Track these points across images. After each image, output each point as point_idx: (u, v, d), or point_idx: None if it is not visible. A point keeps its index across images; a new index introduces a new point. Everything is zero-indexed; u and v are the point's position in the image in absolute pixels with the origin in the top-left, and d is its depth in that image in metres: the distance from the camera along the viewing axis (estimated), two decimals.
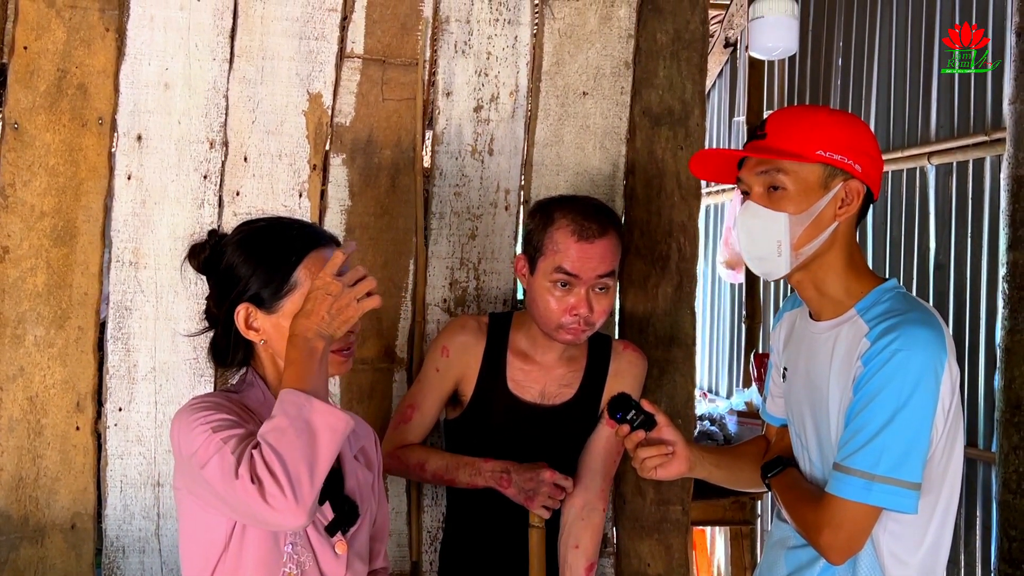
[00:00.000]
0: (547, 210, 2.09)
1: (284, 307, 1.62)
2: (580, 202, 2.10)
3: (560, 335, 2.07)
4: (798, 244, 1.73)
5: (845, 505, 1.66)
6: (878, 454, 1.64)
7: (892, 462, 1.63)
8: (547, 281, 2.04)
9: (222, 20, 2.22)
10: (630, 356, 2.24)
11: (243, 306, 1.62)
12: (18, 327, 2.13)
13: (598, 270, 2.03)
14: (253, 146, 2.25)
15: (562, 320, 2.05)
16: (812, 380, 1.80)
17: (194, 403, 1.57)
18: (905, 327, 1.66)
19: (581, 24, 2.39)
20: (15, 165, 2.13)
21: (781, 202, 1.72)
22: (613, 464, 2.22)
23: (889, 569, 1.72)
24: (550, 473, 2.02)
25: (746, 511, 4.06)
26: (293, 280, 1.61)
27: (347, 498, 1.68)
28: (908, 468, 1.64)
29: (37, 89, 2.13)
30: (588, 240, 2.02)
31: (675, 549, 2.43)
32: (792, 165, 1.72)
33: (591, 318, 2.05)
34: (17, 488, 2.12)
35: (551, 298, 2.04)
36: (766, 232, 1.74)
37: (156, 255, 2.20)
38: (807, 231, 1.73)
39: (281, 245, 1.65)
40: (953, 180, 3.59)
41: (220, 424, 1.50)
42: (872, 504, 1.65)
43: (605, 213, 2.08)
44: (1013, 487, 2.99)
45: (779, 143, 1.73)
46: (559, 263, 2.03)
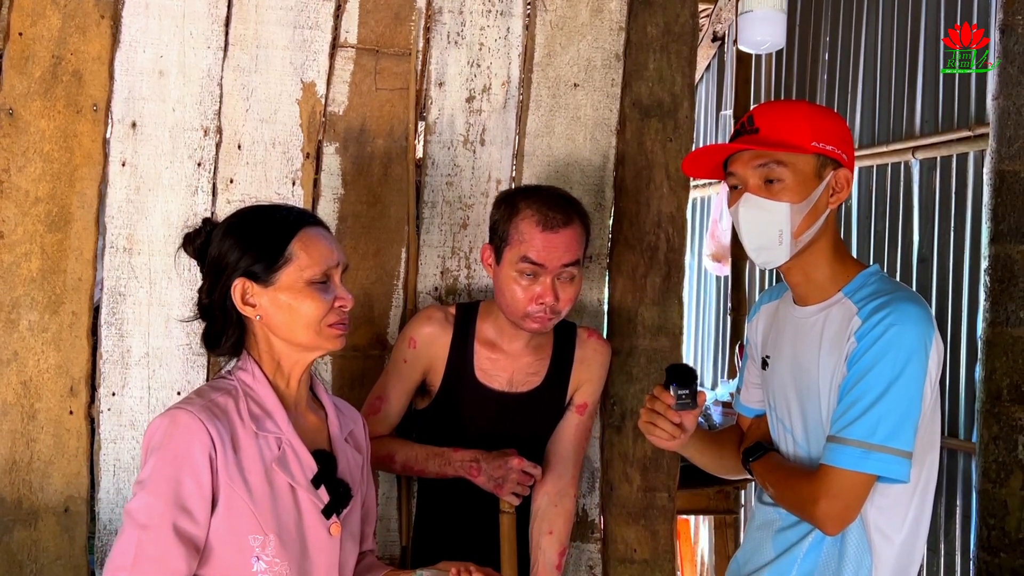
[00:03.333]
0: (512, 200, 2.09)
1: (280, 280, 1.65)
2: (544, 192, 2.09)
3: (527, 324, 2.08)
4: (798, 232, 1.77)
5: (842, 474, 1.69)
6: (875, 424, 1.68)
7: (888, 431, 1.68)
8: (513, 271, 2.05)
9: (217, 8, 2.22)
10: (594, 344, 2.24)
11: (239, 281, 1.65)
12: (12, 312, 2.13)
13: (563, 259, 2.03)
14: (247, 134, 2.25)
15: (528, 309, 2.05)
16: (799, 362, 1.83)
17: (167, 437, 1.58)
18: (896, 304, 1.72)
19: (573, 16, 2.40)
20: (10, 151, 2.13)
21: (781, 193, 1.76)
22: (582, 450, 2.24)
23: (875, 544, 1.76)
24: (518, 461, 2.03)
25: (730, 501, 4.10)
26: (288, 252, 1.65)
27: (340, 481, 1.71)
28: (903, 437, 1.68)
29: (32, 75, 2.13)
30: (553, 229, 2.02)
31: (661, 535, 2.45)
32: (790, 157, 1.76)
33: (557, 306, 2.06)
34: (11, 471, 2.12)
35: (517, 287, 2.05)
36: (768, 222, 1.77)
37: (150, 242, 2.20)
38: (806, 219, 1.77)
39: (273, 222, 1.69)
40: (937, 175, 3.63)
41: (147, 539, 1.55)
42: (869, 472, 1.69)
43: (569, 202, 2.08)
44: (992, 476, 3.02)
45: (775, 136, 1.76)
46: (524, 253, 2.03)
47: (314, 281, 1.65)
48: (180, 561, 1.55)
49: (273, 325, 1.66)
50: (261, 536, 1.60)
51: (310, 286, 1.65)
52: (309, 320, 1.65)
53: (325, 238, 1.70)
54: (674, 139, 2.44)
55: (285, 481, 1.64)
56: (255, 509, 1.60)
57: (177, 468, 1.56)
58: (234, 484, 1.59)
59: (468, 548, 1.88)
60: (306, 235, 1.67)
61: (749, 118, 1.82)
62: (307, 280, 1.65)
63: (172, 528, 1.55)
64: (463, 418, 2.16)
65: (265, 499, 1.62)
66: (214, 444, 1.58)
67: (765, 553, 1.87)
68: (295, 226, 1.68)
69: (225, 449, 1.59)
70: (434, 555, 1.83)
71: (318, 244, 1.67)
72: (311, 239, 1.67)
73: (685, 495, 2.79)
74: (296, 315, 1.65)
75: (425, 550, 2.16)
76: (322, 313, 1.65)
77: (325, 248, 1.68)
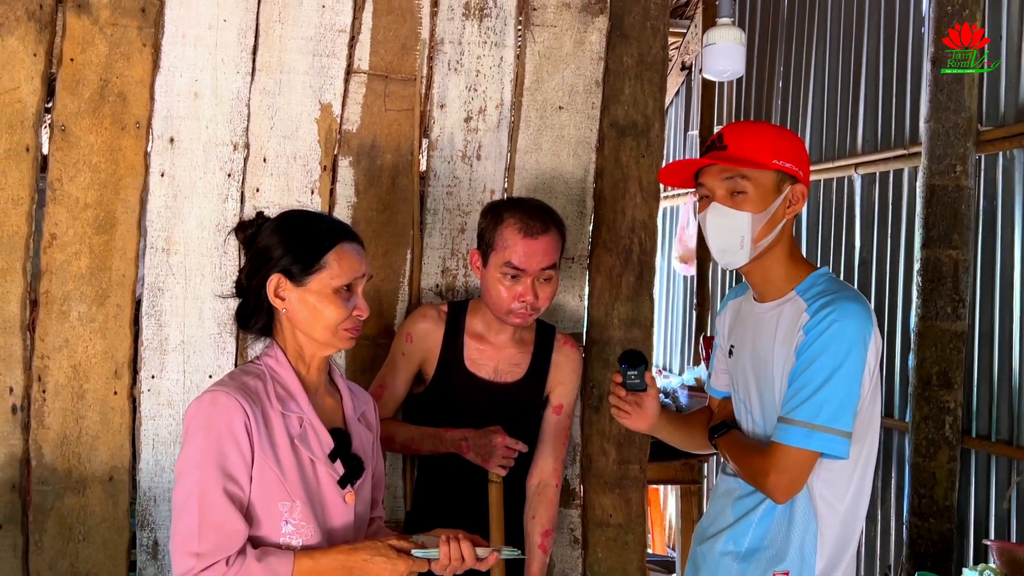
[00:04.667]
0: (497, 211, 2.08)
1: (311, 283, 1.64)
2: (526, 204, 2.09)
3: (510, 319, 2.08)
4: (758, 238, 1.77)
5: (790, 451, 1.70)
6: (818, 407, 1.68)
7: (830, 414, 1.68)
8: (498, 273, 2.04)
9: (245, 38, 2.22)
10: (568, 350, 2.23)
11: (275, 276, 1.64)
12: (64, 304, 2.13)
13: (542, 263, 2.03)
14: (271, 149, 2.25)
15: (512, 306, 2.05)
16: (758, 352, 1.83)
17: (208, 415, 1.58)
18: (839, 303, 1.72)
19: (558, 47, 2.40)
20: (62, 163, 2.13)
21: (744, 203, 1.76)
22: (561, 447, 2.22)
23: (821, 512, 1.76)
24: (502, 437, 2.02)
25: (694, 472, 4.10)
26: (323, 261, 1.64)
27: (354, 455, 1.71)
28: (843, 419, 1.69)
29: (82, 96, 2.13)
30: (533, 237, 2.02)
31: (634, 502, 2.46)
32: (753, 172, 1.76)
33: (536, 304, 2.05)
34: (62, 445, 2.13)
35: (502, 288, 2.04)
36: (732, 229, 1.77)
37: (185, 243, 2.20)
38: (764, 227, 1.77)
39: (316, 231, 1.68)
40: (876, 188, 3.63)
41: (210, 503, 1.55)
42: (812, 449, 1.69)
43: (547, 212, 2.07)
44: (923, 452, 3.04)
45: (740, 153, 1.76)
46: (508, 258, 2.02)
47: (340, 289, 1.65)
48: (238, 522, 1.55)
49: (296, 320, 1.66)
50: (288, 502, 1.60)
51: (336, 293, 1.64)
52: (328, 323, 1.65)
53: (357, 253, 1.68)
54: (647, 155, 2.44)
55: (307, 455, 1.64)
56: (283, 479, 1.60)
57: (221, 442, 1.56)
58: (266, 456, 1.59)
59: (461, 515, 1.89)
60: (342, 248, 1.66)
61: (719, 136, 1.82)
62: (334, 288, 1.64)
63: (224, 493, 1.55)
64: (454, 402, 2.15)
65: (291, 470, 1.61)
66: (249, 420, 1.58)
67: (726, 518, 1.87)
68: (335, 239, 1.67)
69: (258, 425, 1.59)
70: (431, 522, 1.82)
71: (350, 258, 1.66)
72: (345, 253, 1.66)
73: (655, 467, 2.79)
74: (318, 316, 1.65)
75: (422, 518, 2.15)
76: (341, 319, 1.65)
77: (356, 262, 1.67)
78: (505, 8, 2.37)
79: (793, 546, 1.76)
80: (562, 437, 2.21)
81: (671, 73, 5.35)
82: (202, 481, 1.55)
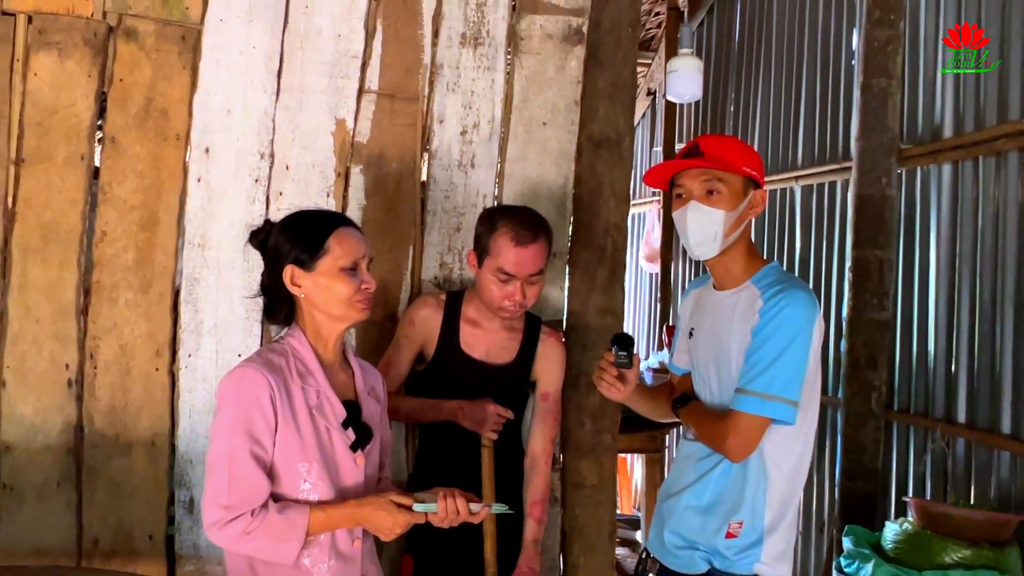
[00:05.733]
0: (493, 219, 2.07)
1: (320, 267, 1.65)
2: (519, 214, 2.07)
3: (500, 314, 2.08)
4: (727, 233, 1.80)
5: (745, 417, 1.72)
6: (771, 379, 1.70)
7: (781, 385, 1.70)
8: (491, 275, 2.03)
9: (271, 63, 2.22)
10: (551, 343, 2.22)
11: (289, 267, 1.65)
12: (113, 292, 2.14)
13: (530, 270, 2.02)
14: (293, 158, 2.25)
15: (503, 303, 2.05)
16: (716, 333, 1.85)
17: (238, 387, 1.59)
18: (790, 290, 1.75)
19: (542, 72, 2.41)
20: (112, 169, 2.13)
21: (719, 202, 1.78)
22: (551, 428, 2.22)
23: (770, 471, 1.78)
24: (493, 407, 2.03)
25: (658, 442, 4.13)
26: (326, 246, 1.65)
27: (364, 424, 1.72)
28: (791, 390, 1.71)
29: (129, 112, 2.13)
30: (523, 246, 2.01)
31: (606, 466, 2.45)
32: (727, 175, 1.78)
33: (524, 302, 2.06)
34: (111, 414, 2.13)
35: (494, 287, 2.04)
36: (707, 223, 1.79)
37: (219, 239, 2.20)
38: (733, 224, 1.79)
39: (315, 222, 1.69)
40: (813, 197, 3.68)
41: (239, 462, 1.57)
42: (765, 416, 1.71)
43: (537, 222, 2.06)
44: (852, 423, 3.08)
45: (716, 159, 1.79)
46: (500, 265, 2.01)
47: (345, 268, 1.65)
48: (262, 480, 1.56)
49: (314, 301, 1.67)
50: (307, 464, 1.61)
51: (343, 272, 1.65)
52: (341, 298, 1.66)
53: (355, 235, 1.69)
54: (618, 166, 2.45)
55: (323, 423, 1.65)
56: (302, 443, 1.61)
57: (249, 411, 1.57)
58: (287, 423, 1.60)
59: (456, 476, 1.88)
60: (340, 233, 1.67)
61: (695, 145, 1.84)
62: (340, 267, 1.65)
63: (251, 455, 1.56)
64: (451, 379, 2.14)
65: (309, 436, 1.63)
66: (273, 392, 1.59)
67: (688, 477, 1.89)
68: (332, 226, 1.68)
69: (280, 396, 1.60)
70: (430, 482, 1.81)
71: (349, 240, 1.67)
72: (344, 236, 1.67)
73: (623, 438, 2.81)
74: (332, 294, 1.65)
75: (423, 478, 2.15)
76: (352, 292, 1.66)
77: (355, 243, 1.68)
78: (496, 38, 2.38)
79: (746, 500, 1.79)
80: (550, 420, 2.21)
81: (639, 97, 5.38)
82: (232, 444, 1.56)
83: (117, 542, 2.12)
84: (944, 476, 2.85)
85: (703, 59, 4.45)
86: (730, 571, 1.79)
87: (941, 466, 2.86)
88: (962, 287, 2.83)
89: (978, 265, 2.77)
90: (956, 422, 2.82)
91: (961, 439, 2.80)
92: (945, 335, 2.90)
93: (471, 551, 2.01)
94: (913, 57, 3.06)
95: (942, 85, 2.94)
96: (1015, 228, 2.63)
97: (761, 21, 4.20)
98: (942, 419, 2.88)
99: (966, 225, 2.83)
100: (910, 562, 2.46)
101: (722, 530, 1.80)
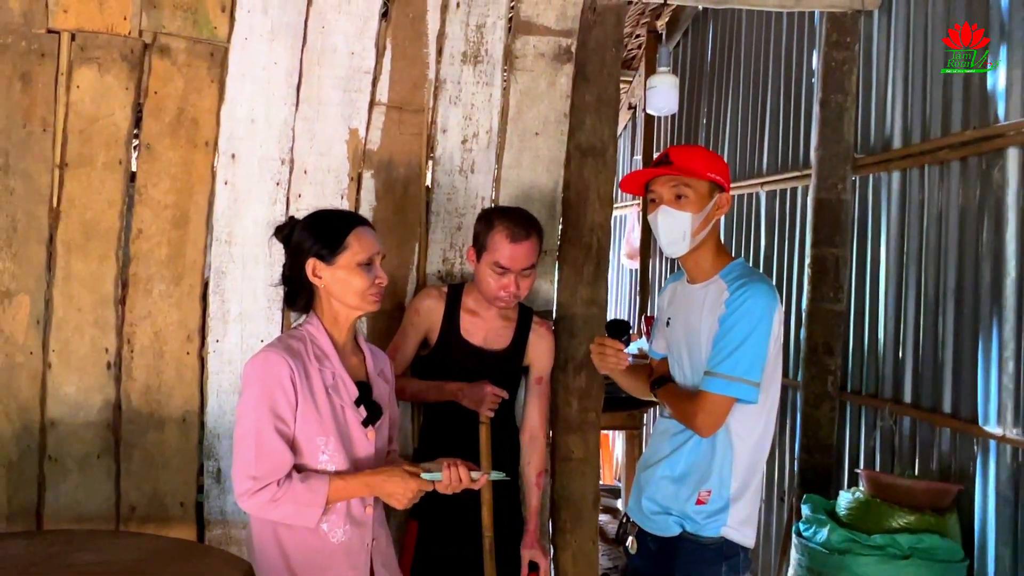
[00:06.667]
0: (490, 218, 2.07)
1: (339, 261, 1.65)
2: (513, 214, 2.07)
3: (496, 303, 2.08)
4: (695, 233, 1.80)
5: (713, 397, 1.73)
6: (735, 363, 1.71)
7: (744, 368, 1.71)
8: (488, 269, 2.04)
9: (291, 77, 2.21)
10: (541, 331, 2.22)
11: (311, 260, 1.65)
12: (148, 284, 2.13)
13: (524, 264, 2.03)
14: (310, 164, 2.25)
15: (499, 295, 2.05)
16: (689, 322, 1.86)
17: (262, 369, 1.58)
18: (753, 284, 1.75)
19: (535, 87, 2.41)
20: (147, 173, 2.12)
21: (686, 205, 1.79)
22: (546, 407, 2.23)
23: (735, 445, 1.79)
24: (490, 388, 2.03)
25: (636, 421, 4.14)
26: (345, 243, 1.65)
27: (374, 402, 1.72)
28: (754, 372, 1.72)
29: (163, 121, 2.12)
30: (517, 243, 2.01)
31: (590, 441, 2.46)
32: (693, 182, 1.78)
33: (518, 293, 2.06)
34: (146, 393, 2.13)
35: (491, 280, 2.04)
36: (677, 225, 1.79)
37: (243, 237, 2.19)
38: (700, 225, 1.80)
39: (336, 221, 1.69)
40: (777, 201, 3.68)
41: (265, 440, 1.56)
42: (731, 395, 1.72)
43: (530, 222, 2.06)
44: (811, 403, 3.08)
45: (684, 167, 1.79)
46: (496, 259, 2.01)
47: (362, 263, 1.65)
48: (286, 453, 1.56)
49: (332, 292, 1.67)
50: (324, 437, 1.62)
51: (359, 267, 1.65)
52: (357, 290, 1.66)
53: (371, 234, 1.70)
54: (603, 172, 2.45)
55: (338, 401, 1.65)
56: (320, 419, 1.61)
57: (272, 390, 1.57)
58: (306, 401, 1.60)
59: (457, 449, 1.89)
60: (358, 232, 1.67)
61: (666, 155, 1.84)
62: (357, 263, 1.65)
63: (275, 431, 1.56)
64: (452, 362, 2.15)
65: (326, 412, 1.63)
66: (294, 373, 1.58)
67: (663, 450, 1.90)
68: (352, 225, 1.68)
69: (300, 377, 1.60)
70: (434, 455, 1.82)
71: (366, 238, 1.67)
72: (361, 234, 1.67)
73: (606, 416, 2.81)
74: (348, 286, 1.65)
75: (427, 451, 2.15)
76: (366, 286, 1.66)
77: (370, 241, 1.68)
78: (494, 56, 2.37)
79: (714, 471, 1.80)
80: (544, 400, 2.23)
81: (621, 110, 5.37)
82: (258, 421, 1.56)
83: (152, 509, 2.12)
84: (892, 450, 2.86)
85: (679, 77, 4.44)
86: (700, 534, 1.80)
87: (889, 441, 2.87)
88: (909, 282, 2.83)
89: (923, 262, 2.78)
90: (903, 402, 2.83)
91: (907, 417, 2.80)
92: (894, 325, 2.90)
93: (470, 517, 2.01)
94: (867, 76, 3.06)
95: (892, 101, 2.94)
96: (956, 230, 2.64)
97: (731, 43, 4.19)
98: (890, 399, 2.88)
99: (912, 227, 2.83)
100: (861, 527, 2.48)
101: (693, 497, 1.81)
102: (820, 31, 3.12)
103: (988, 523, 2.44)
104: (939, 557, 2.34)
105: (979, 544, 2.47)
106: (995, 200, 2.47)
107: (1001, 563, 2.40)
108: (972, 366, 2.54)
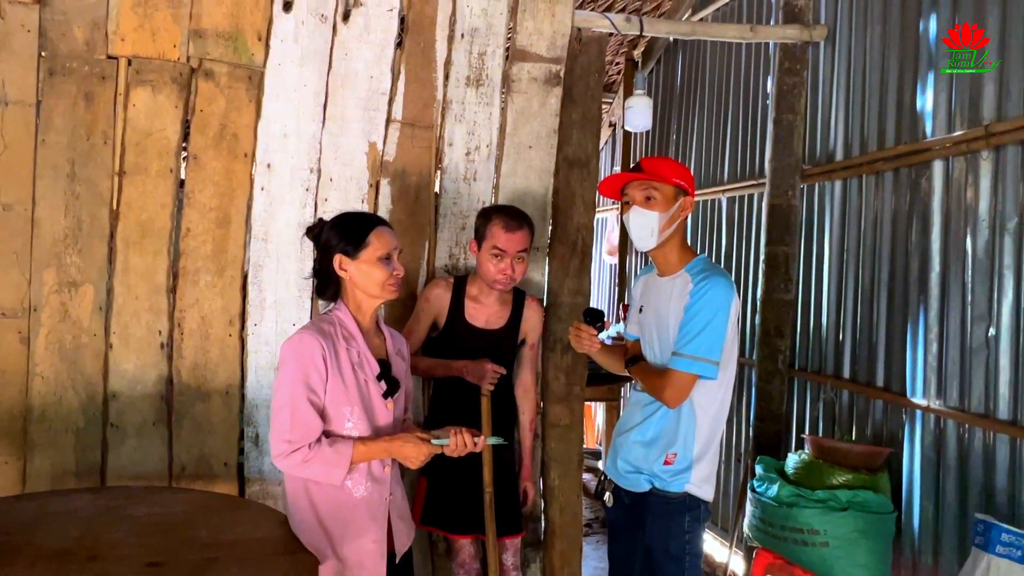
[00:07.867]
0: (488, 213, 2.10)
1: (362, 256, 1.65)
2: (507, 209, 2.10)
3: (495, 286, 2.09)
4: (662, 230, 1.80)
5: (678, 374, 1.74)
6: (698, 345, 1.72)
7: (706, 349, 1.72)
8: (488, 254, 2.05)
9: (319, 97, 2.21)
10: (533, 305, 2.24)
11: (338, 256, 1.65)
12: (195, 275, 2.13)
13: (518, 248, 2.05)
14: (335, 173, 2.24)
15: (497, 276, 2.06)
16: (659, 309, 1.87)
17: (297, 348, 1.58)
18: (713, 277, 1.76)
19: (529, 107, 2.41)
20: (194, 180, 2.12)
21: (654, 206, 1.79)
22: (535, 367, 2.26)
23: (698, 415, 1.80)
24: (491, 365, 2.04)
25: (615, 393, 4.15)
26: (367, 240, 1.65)
27: (393, 377, 1.73)
28: (714, 353, 1.73)
29: (207, 136, 2.12)
30: (512, 231, 2.04)
31: (576, 411, 2.48)
32: (661, 186, 1.79)
33: (514, 275, 2.07)
34: (194, 370, 2.13)
35: (490, 264, 2.06)
36: (646, 222, 1.80)
37: (278, 235, 2.19)
38: (666, 223, 1.80)
39: (360, 221, 1.69)
40: (736, 206, 3.68)
41: (300, 409, 1.57)
42: (694, 373, 1.73)
43: (522, 215, 2.09)
44: (764, 378, 3.11)
45: (653, 174, 1.80)
46: (494, 244, 2.04)
47: (382, 258, 1.66)
48: (316, 421, 1.57)
49: (356, 283, 1.67)
50: (350, 407, 1.62)
51: (380, 261, 1.65)
52: (378, 281, 1.66)
53: (390, 233, 1.70)
54: (587, 181, 2.46)
55: (362, 376, 1.66)
56: (346, 391, 1.62)
57: (306, 367, 1.57)
58: (335, 376, 1.61)
59: (462, 418, 1.89)
60: (378, 230, 1.67)
61: (638, 164, 1.85)
62: (378, 257, 1.65)
63: (308, 401, 1.56)
64: (458, 343, 2.16)
65: (352, 386, 1.63)
66: (325, 352, 1.59)
67: (636, 419, 1.91)
68: (372, 225, 1.68)
69: (330, 356, 1.60)
70: (442, 423, 1.82)
71: (385, 236, 1.68)
72: (381, 233, 1.67)
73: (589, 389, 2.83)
74: (371, 278, 1.66)
75: (436, 420, 2.15)
76: (386, 278, 1.66)
77: (389, 239, 1.68)
78: (494, 80, 2.37)
79: (680, 436, 1.81)
80: (534, 362, 2.26)
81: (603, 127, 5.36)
82: (293, 393, 1.57)
83: (199, 468, 2.13)
84: (832, 418, 2.88)
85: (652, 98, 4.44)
86: (667, 490, 1.82)
87: (830, 411, 2.90)
88: (848, 275, 2.85)
89: (860, 259, 2.80)
90: (842, 378, 2.85)
91: (846, 391, 2.83)
92: (835, 311, 2.92)
93: (472, 475, 2.03)
94: (814, 98, 3.07)
95: (835, 120, 2.95)
96: (889, 231, 2.66)
97: (697, 69, 4.19)
98: (832, 375, 2.91)
99: (852, 228, 2.85)
100: (806, 483, 2.50)
101: (661, 458, 1.82)
102: (774, 59, 3.13)
103: (914, 481, 2.47)
104: (872, 509, 2.37)
105: (906, 498, 2.50)
106: (922, 206, 2.49)
107: (925, 514, 2.43)
108: (901, 347, 2.56)
